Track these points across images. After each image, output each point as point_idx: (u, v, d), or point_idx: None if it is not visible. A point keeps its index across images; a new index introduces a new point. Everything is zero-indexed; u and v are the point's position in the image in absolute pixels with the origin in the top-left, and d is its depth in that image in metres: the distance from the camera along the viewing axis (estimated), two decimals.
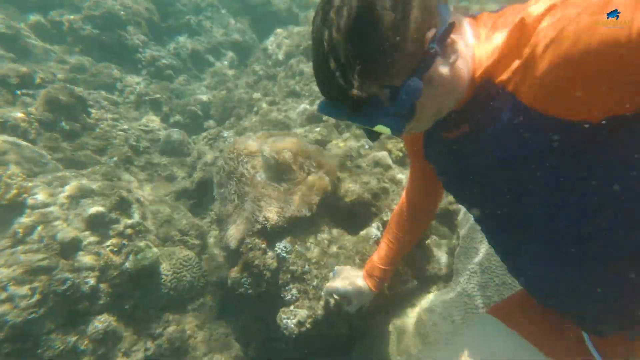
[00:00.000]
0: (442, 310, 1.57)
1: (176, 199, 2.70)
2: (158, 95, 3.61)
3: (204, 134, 3.14)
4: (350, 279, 1.37)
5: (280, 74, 3.38)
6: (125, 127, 3.13)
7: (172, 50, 4.28)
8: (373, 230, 1.76)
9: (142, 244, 2.01)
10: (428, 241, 1.79)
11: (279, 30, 3.92)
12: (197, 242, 2.40)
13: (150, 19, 4.24)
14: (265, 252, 1.78)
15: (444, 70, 0.59)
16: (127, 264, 1.94)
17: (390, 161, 1.88)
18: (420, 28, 0.54)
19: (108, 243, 1.97)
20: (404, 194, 1.27)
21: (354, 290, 1.35)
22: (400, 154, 1.97)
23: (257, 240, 1.80)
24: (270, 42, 3.88)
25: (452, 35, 0.58)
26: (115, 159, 2.82)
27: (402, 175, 1.86)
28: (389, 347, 1.66)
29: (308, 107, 2.47)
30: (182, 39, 4.47)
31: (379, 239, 1.74)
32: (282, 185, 1.87)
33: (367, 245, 1.72)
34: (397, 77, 0.56)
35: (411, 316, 1.70)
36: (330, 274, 1.51)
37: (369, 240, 1.73)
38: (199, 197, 2.69)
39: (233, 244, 1.85)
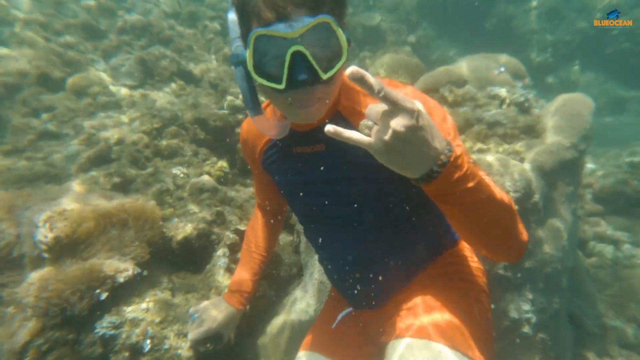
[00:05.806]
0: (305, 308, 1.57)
1: None
2: None
3: None
4: (212, 312, 1.23)
5: (6, 113, 2.44)
6: None
7: None
8: (220, 258, 1.56)
9: None
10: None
11: None
12: None
13: None
14: (77, 343, 1.23)
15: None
16: None
17: (214, 182, 1.74)
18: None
19: None
20: (255, 202, 1.32)
21: (224, 319, 1.22)
22: (222, 173, 1.85)
23: (57, 334, 1.22)
24: None
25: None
26: None
27: (234, 193, 1.74)
28: None
29: (81, 146, 1.89)
30: None
31: (229, 264, 1.56)
32: (80, 256, 1.36)
33: (219, 275, 1.51)
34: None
35: (276, 326, 1.61)
36: (189, 321, 1.27)
37: (219, 270, 1.52)
38: None
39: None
